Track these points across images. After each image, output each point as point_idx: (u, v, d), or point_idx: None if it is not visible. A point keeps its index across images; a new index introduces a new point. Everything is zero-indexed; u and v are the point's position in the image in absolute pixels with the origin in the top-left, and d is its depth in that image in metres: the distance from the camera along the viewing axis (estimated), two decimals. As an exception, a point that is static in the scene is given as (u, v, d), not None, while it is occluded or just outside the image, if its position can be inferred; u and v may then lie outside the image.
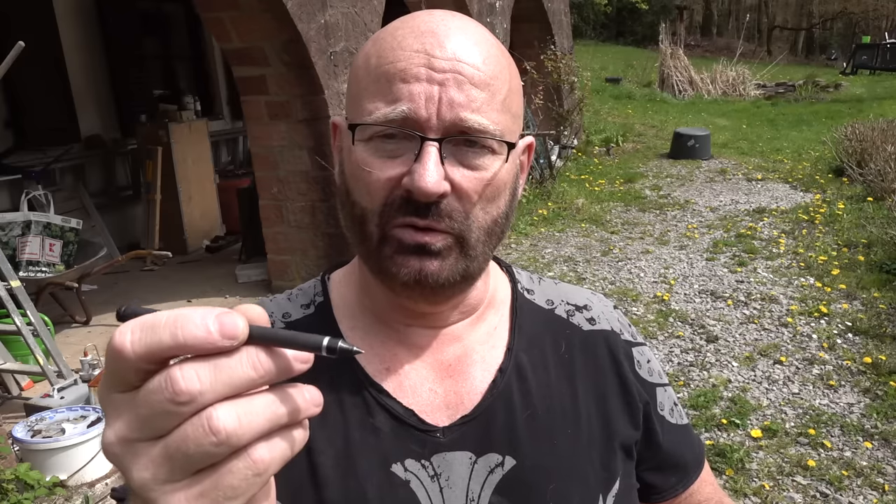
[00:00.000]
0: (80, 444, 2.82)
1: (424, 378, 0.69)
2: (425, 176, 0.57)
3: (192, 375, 0.33)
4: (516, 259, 5.93)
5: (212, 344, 0.33)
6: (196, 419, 0.33)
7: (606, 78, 18.05)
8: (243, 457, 0.34)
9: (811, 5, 40.00)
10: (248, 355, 0.34)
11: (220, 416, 0.33)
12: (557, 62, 8.49)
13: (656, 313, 4.66)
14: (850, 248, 5.78)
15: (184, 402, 0.33)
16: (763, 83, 18.95)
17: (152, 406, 0.33)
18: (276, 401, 0.35)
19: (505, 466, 0.67)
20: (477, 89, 0.60)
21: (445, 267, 0.62)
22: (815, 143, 10.57)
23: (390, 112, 0.58)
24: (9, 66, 3.23)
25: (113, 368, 0.34)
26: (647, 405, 0.77)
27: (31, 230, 4.44)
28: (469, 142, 0.60)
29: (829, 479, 2.91)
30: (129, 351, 0.33)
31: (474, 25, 0.63)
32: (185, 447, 0.33)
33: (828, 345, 4.14)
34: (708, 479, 0.86)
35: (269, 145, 4.87)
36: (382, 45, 0.62)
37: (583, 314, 0.79)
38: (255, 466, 0.34)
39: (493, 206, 0.63)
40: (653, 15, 30.73)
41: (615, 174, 9.17)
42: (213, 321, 0.33)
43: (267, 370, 0.34)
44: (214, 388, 0.33)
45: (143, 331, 0.33)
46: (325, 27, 4.64)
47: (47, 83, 5.89)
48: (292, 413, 0.35)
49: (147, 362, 0.33)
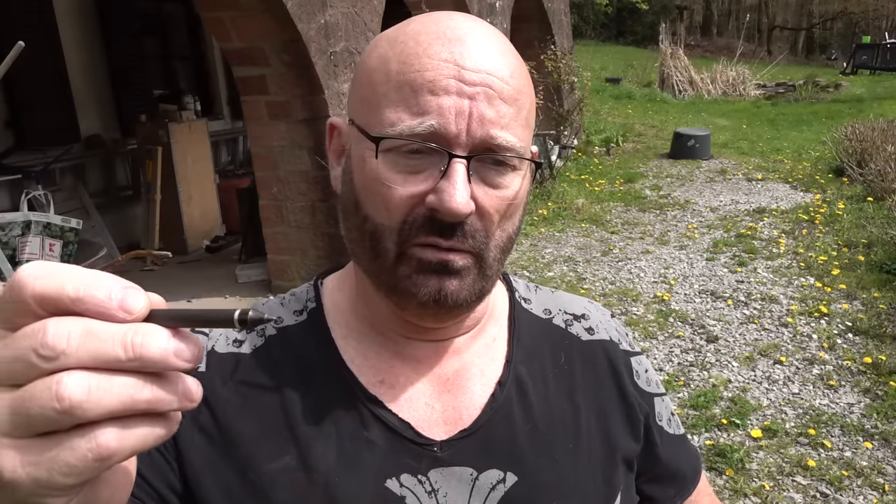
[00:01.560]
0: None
1: (421, 392, 0.67)
2: (455, 196, 0.55)
3: (63, 332, 0.31)
4: (516, 259, 5.93)
5: (105, 309, 0.32)
6: (48, 379, 0.31)
7: (606, 78, 18.06)
8: (88, 437, 0.32)
9: (811, 5, 40.02)
10: (127, 333, 0.32)
11: (70, 384, 0.31)
12: (557, 62, 8.50)
13: (656, 313, 4.66)
14: (851, 248, 5.78)
15: (45, 357, 0.31)
16: (763, 83, 18.95)
17: (16, 350, 0.32)
18: (138, 384, 0.33)
19: (507, 483, 0.65)
20: (506, 104, 0.58)
21: (465, 286, 0.60)
22: (816, 143, 10.57)
23: (417, 126, 0.55)
24: (9, 66, 3.23)
25: (2, 301, 0.33)
26: (647, 417, 0.76)
27: (31, 230, 4.44)
28: (496, 161, 0.58)
29: (829, 479, 2.91)
30: (29, 286, 0.32)
31: (496, 33, 0.61)
32: (29, 405, 0.31)
33: (828, 345, 4.14)
34: (705, 490, 0.85)
35: (269, 145, 4.87)
36: (405, 49, 0.58)
37: (581, 323, 0.77)
38: (98, 450, 0.32)
39: (510, 224, 0.62)
40: (653, 15, 30.74)
41: (615, 174, 9.17)
42: (119, 290, 0.33)
43: (136, 354, 0.32)
44: (77, 354, 0.31)
45: (52, 274, 0.33)
46: (325, 27, 4.64)
47: (47, 83, 5.89)
48: (153, 401, 0.33)
49: (39, 305, 0.32)
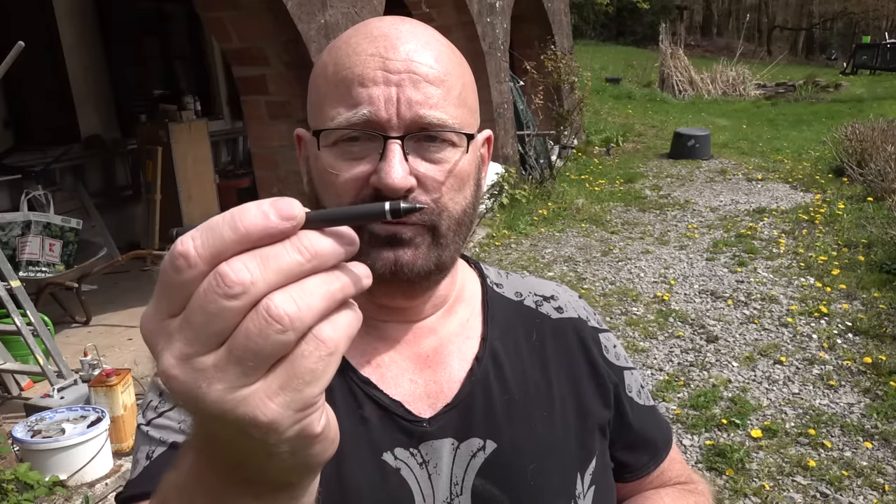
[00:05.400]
0: (79, 444, 2.81)
1: (404, 370, 0.71)
2: (391, 172, 0.60)
3: (240, 266, 0.32)
4: (516, 259, 5.93)
5: (274, 227, 0.33)
6: (253, 313, 0.32)
7: (606, 78, 18.05)
8: (310, 339, 0.33)
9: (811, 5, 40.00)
10: (293, 242, 0.33)
11: (278, 303, 0.32)
12: (557, 62, 8.48)
13: (656, 313, 4.66)
14: (850, 248, 5.78)
15: (237, 295, 0.32)
16: (763, 83, 18.95)
17: (206, 309, 0.32)
18: (327, 279, 0.34)
19: (486, 450, 0.70)
20: (432, 86, 0.63)
21: (419, 255, 0.64)
22: (816, 143, 10.57)
23: (352, 116, 0.61)
24: (9, 66, 3.23)
25: (170, 285, 0.33)
26: (616, 387, 0.81)
27: (31, 230, 4.43)
28: (430, 137, 0.63)
29: (829, 479, 2.91)
30: (194, 255, 0.32)
31: (423, 27, 0.67)
32: (252, 343, 0.32)
33: (828, 345, 4.14)
34: (677, 458, 0.90)
35: (269, 145, 4.86)
36: (338, 52, 0.65)
37: (550, 304, 0.82)
38: (325, 346, 0.33)
39: (460, 197, 0.66)
40: (653, 15, 30.71)
41: (615, 174, 9.17)
42: (269, 207, 0.33)
43: (313, 253, 0.34)
44: (265, 277, 0.32)
45: (203, 233, 0.33)
46: (325, 27, 4.64)
47: (47, 83, 5.89)
48: (345, 287, 0.35)
49: (213, 265, 0.32)
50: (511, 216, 6.94)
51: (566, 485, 0.73)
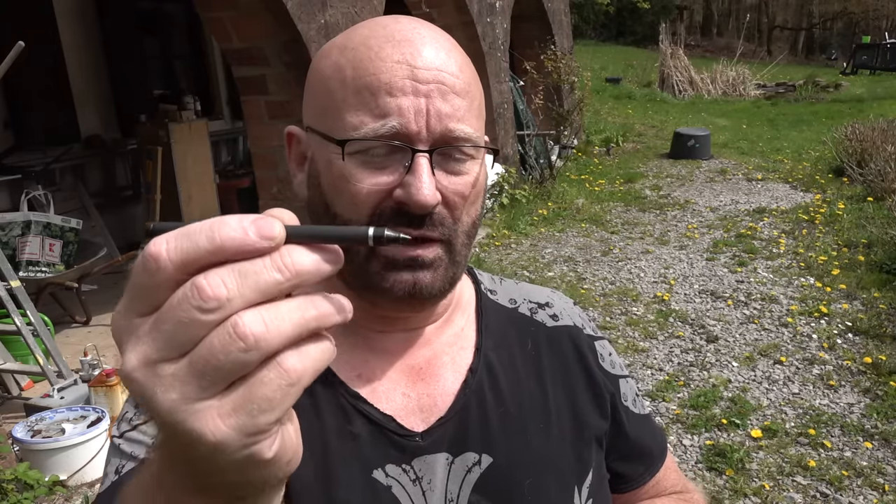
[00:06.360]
0: (79, 444, 2.82)
1: (396, 383, 0.69)
2: (423, 189, 0.58)
3: (217, 282, 0.31)
4: (516, 259, 5.93)
5: (250, 245, 0.32)
6: (221, 328, 0.31)
7: (606, 78, 18.04)
8: (273, 366, 0.32)
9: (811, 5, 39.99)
10: (274, 258, 0.33)
11: (247, 322, 0.31)
12: (557, 62, 8.48)
13: (656, 313, 4.66)
14: (851, 248, 5.78)
15: (211, 310, 0.31)
16: (763, 83, 18.95)
17: (177, 318, 0.32)
18: (303, 305, 0.33)
19: (482, 465, 0.68)
20: (459, 98, 0.61)
21: (437, 277, 0.63)
22: (816, 143, 10.57)
23: (380, 127, 0.59)
24: (9, 66, 3.23)
25: (139, 286, 0.33)
26: (613, 396, 0.79)
27: (31, 230, 4.43)
28: (453, 150, 0.61)
29: (829, 479, 2.91)
30: (165, 259, 0.32)
31: (440, 32, 0.65)
32: (213, 358, 0.31)
33: (828, 345, 4.14)
34: (672, 467, 0.88)
35: (269, 145, 4.86)
36: (357, 55, 0.61)
37: (546, 311, 0.80)
38: (288, 375, 0.32)
39: (473, 209, 0.65)
40: (653, 15, 30.71)
41: (615, 174, 9.17)
42: (249, 223, 0.32)
43: (294, 272, 0.33)
44: (242, 293, 0.32)
45: (178, 238, 0.32)
46: (325, 27, 4.64)
47: (47, 83, 5.89)
48: (321, 318, 0.34)
49: (182, 272, 0.32)
50: (511, 216, 6.94)
51: (564, 499, 0.71)
